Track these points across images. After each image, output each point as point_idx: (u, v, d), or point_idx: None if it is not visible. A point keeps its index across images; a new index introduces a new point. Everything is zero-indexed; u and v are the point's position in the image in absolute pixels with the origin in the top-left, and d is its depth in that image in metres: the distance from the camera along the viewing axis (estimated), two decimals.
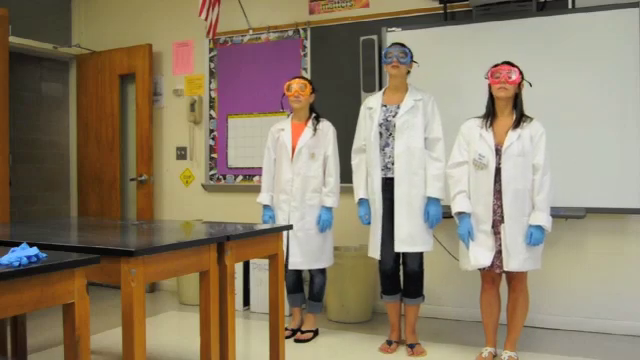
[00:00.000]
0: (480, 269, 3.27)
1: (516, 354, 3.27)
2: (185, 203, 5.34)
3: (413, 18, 4.37)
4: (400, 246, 3.48)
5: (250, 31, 4.89)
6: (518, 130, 3.17)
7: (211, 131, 5.22)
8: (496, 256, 3.20)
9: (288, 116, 4.03)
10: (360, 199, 3.64)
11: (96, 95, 5.61)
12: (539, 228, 3.12)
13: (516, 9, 3.98)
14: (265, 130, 4.91)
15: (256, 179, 4.99)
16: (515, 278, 3.27)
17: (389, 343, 3.59)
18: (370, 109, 3.61)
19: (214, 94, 5.21)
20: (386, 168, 3.52)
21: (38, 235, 2.60)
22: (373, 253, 3.60)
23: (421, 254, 3.55)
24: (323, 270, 3.93)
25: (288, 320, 3.95)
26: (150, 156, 5.36)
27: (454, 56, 4.10)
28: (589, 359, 3.42)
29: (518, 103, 3.23)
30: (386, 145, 3.52)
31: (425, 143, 3.49)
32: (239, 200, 5.05)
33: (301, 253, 3.77)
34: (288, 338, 3.74)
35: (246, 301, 4.64)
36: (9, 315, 1.90)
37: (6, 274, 1.64)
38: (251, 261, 4.51)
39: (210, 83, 5.23)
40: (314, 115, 3.90)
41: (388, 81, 3.69)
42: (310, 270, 3.92)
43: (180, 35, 5.36)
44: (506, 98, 3.21)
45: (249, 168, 5.04)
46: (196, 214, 5.17)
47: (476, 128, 3.28)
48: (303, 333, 3.86)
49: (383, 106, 3.57)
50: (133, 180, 5.46)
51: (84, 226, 3.37)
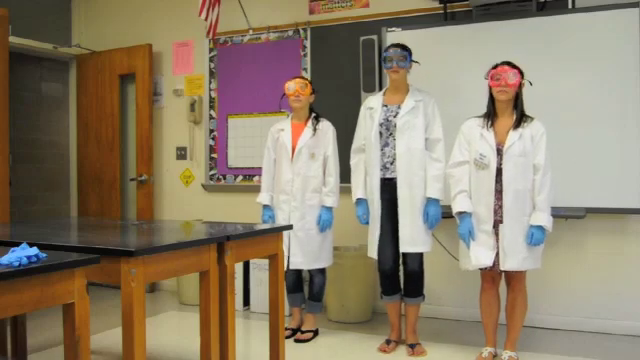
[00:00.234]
0: (481, 269, 3.28)
1: (516, 354, 3.28)
2: (185, 203, 5.34)
3: (413, 18, 4.37)
4: (402, 246, 3.50)
5: (250, 31, 4.88)
6: (519, 130, 3.17)
7: (211, 131, 5.22)
8: (497, 256, 3.20)
9: (288, 116, 4.03)
10: (358, 199, 3.64)
11: (96, 95, 5.61)
12: (540, 228, 3.12)
13: (516, 9, 3.98)
14: (265, 130, 4.91)
15: (256, 179, 4.99)
16: (514, 278, 3.27)
17: (388, 342, 3.60)
18: (371, 109, 3.61)
19: (214, 94, 5.21)
20: (385, 168, 3.53)
21: (38, 235, 2.60)
22: (371, 253, 3.61)
23: (421, 254, 3.56)
24: (323, 270, 3.93)
25: (288, 320, 3.95)
26: (150, 156, 5.36)
27: (454, 56, 4.11)
28: (589, 359, 3.42)
29: (519, 103, 3.24)
30: (386, 145, 3.52)
31: (425, 144, 3.50)
32: (239, 200, 5.05)
33: (302, 253, 3.77)
34: (288, 338, 3.74)
35: (246, 301, 4.64)
36: (9, 315, 1.90)
37: (6, 274, 1.64)
38: (251, 261, 4.51)
39: (210, 83, 5.23)
40: (314, 115, 3.90)
41: (388, 82, 3.69)
42: (310, 270, 3.92)
43: (180, 35, 5.36)
44: (507, 100, 3.21)
45: (249, 168, 5.05)
46: (196, 214, 5.17)
47: (477, 128, 3.28)
48: (303, 333, 3.86)
49: (384, 106, 3.57)
50: (133, 180, 5.46)
51: (84, 226, 3.37)
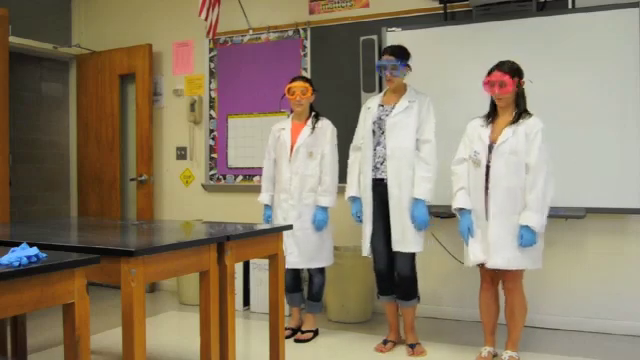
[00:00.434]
0: (479, 266, 3.27)
1: (517, 354, 3.27)
2: (185, 203, 5.34)
3: (413, 18, 4.37)
4: (393, 245, 3.48)
5: (250, 31, 4.88)
6: (514, 127, 3.16)
7: (211, 131, 5.22)
8: None
9: (288, 116, 4.03)
10: (350, 197, 3.65)
11: (96, 95, 5.61)
12: (528, 228, 3.08)
13: (516, 9, 3.98)
14: (265, 130, 4.92)
15: (256, 179, 4.99)
16: (508, 279, 3.23)
17: (385, 342, 3.59)
18: (369, 109, 3.63)
19: (214, 94, 5.21)
20: (376, 168, 3.52)
21: (38, 235, 2.59)
22: (364, 252, 3.60)
23: (412, 257, 3.51)
24: (322, 270, 3.93)
25: (288, 320, 3.95)
26: (150, 156, 5.36)
27: (454, 56, 4.10)
28: (589, 359, 3.42)
29: (519, 101, 3.22)
30: (378, 144, 3.52)
31: (416, 144, 3.48)
32: (239, 200, 5.05)
33: (299, 252, 3.77)
34: (288, 338, 3.74)
35: (246, 301, 4.64)
36: (9, 315, 1.90)
37: (6, 274, 1.64)
38: (251, 261, 4.51)
39: (210, 83, 5.23)
40: (314, 114, 3.90)
41: None
42: (309, 270, 3.92)
43: (180, 35, 5.36)
44: (505, 103, 3.22)
45: (249, 168, 5.04)
46: (196, 214, 5.17)
47: (478, 126, 3.30)
48: (303, 333, 3.86)
49: (380, 106, 3.59)
50: (133, 180, 5.46)
51: (84, 226, 3.37)
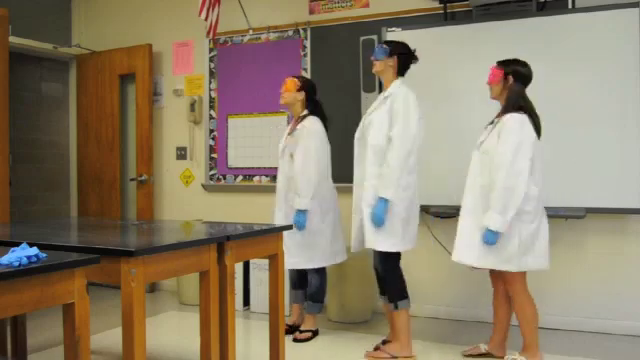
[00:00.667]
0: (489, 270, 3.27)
1: (523, 358, 3.17)
2: (185, 203, 5.34)
3: (413, 18, 4.37)
4: (367, 243, 3.40)
5: (250, 31, 4.88)
6: (493, 125, 3.17)
7: (211, 131, 5.22)
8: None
9: (288, 116, 4.04)
10: None
11: (96, 95, 5.61)
12: (488, 228, 3.02)
13: (516, 9, 3.98)
14: (265, 130, 4.93)
15: (256, 179, 4.99)
16: (505, 281, 3.22)
17: (383, 342, 3.49)
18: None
19: (214, 94, 5.21)
20: (358, 164, 3.49)
21: (38, 235, 2.60)
22: (351, 249, 3.57)
23: (382, 255, 3.35)
24: (317, 271, 3.88)
25: (287, 320, 3.94)
26: (150, 156, 5.36)
27: (454, 56, 4.10)
28: (589, 359, 3.42)
29: (508, 98, 3.16)
30: (359, 139, 3.49)
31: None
32: (239, 200, 5.05)
33: (288, 253, 3.68)
34: (286, 334, 3.74)
35: (246, 301, 4.64)
36: (9, 315, 1.90)
37: (6, 274, 1.64)
38: (251, 261, 4.51)
39: (210, 83, 5.23)
40: (303, 113, 3.83)
41: None
42: (307, 270, 3.91)
43: (180, 35, 5.36)
44: (494, 97, 3.23)
45: (249, 168, 5.04)
46: (196, 214, 5.17)
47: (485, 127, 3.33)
48: (302, 333, 3.86)
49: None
50: (133, 180, 5.46)
51: (84, 226, 3.37)
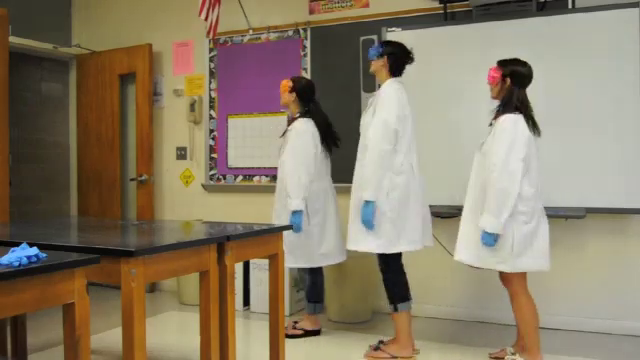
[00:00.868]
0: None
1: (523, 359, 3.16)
2: (185, 203, 5.33)
3: (413, 18, 4.37)
4: (348, 244, 3.43)
5: (250, 31, 4.89)
6: (491, 127, 3.17)
7: (211, 131, 5.22)
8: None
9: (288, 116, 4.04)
10: None
11: (96, 95, 5.61)
12: (484, 230, 3.03)
13: (516, 9, 3.98)
14: (265, 130, 4.93)
15: (256, 179, 4.99)
16: (504, 281, 3.22)
17: (380, 342, 3.47)
18: None
19: (214, 94, 5.21)
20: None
21: (38, 235, 2.60)
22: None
23: (380, 257, 3.37)
24: (310, 271, 3.88)
25: (288, 320, 3.94)
26: (150, 156, 5.36)
27: (454, 56, 4.10)
28: (589, 359, 3.42)
29: (506, 99, 3.14)
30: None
31: None
32: (239, 200, 5.05)
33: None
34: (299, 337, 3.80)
35: (246, 301, 4.63)
36: (9, 315, 1.90)
37: (6, 274, 1.64)
38: (251, 261, 4.50)
39: (210, 83, 5.23)
40: (297, 114, 3.83)
41: None
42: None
43: (180, 35, 5.36)
44: (495, 98, 3.21)
45: (249, 168, 5.04)
46: (196, 214, 5.17)
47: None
48: (295, 328, 3.88)
49: None
50: (133, 180, 5.46)
51: (84, 226, 3.37)
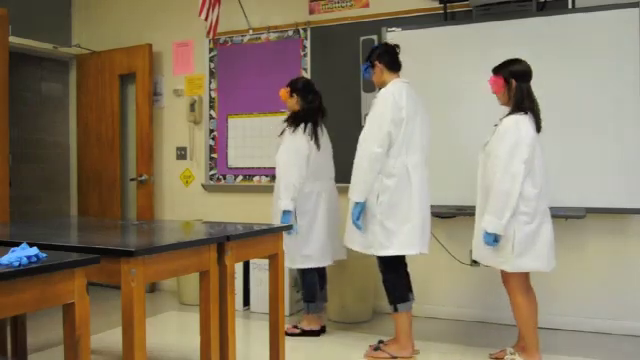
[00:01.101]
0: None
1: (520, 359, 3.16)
2: (185, 203, 5.33)
3: (413, 18, 4.37)
4: (345, 241, 3.50)
5: (250, 31, 4.89)
6: (495, 127, 3.17)
7: (211, 131, 5.22)
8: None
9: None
10: None
11: (96, 95, 5.61)
12: (485, 231, 3.05)
13: (516, 9, 3.98)
14: (265, 130, 4.93)
15: (256, 179, 4.99)
16: (504, 280, 3.22)
17: (380, 342, 3.47)
18: None
19: (214, 94, 5.21)
20: None
21: (38, 235, 2.60)
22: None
23: (379, 259, 3.38)
24: (304, 271, 3.87)
25: (288, 320, 3.94)
26: (150, 156, 5.36)
27: (454, 56, 4.10)
28: (589, 359, 3.42)
29: (514, 100, 3.15)
30: None
31: None
32: (239, 200, 5.05)
33: None
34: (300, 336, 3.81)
35: (246, 301, 4.63)
36: (9, 315, 1.90)
37: (6, 274, 1.64)
38: (251, 261, 4.50)
39: (210, 83, 5.23)
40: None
41: None
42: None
43: (180, 35, 5.36)
44: (504, 104, 3.21)
45: (249, 168, 5.04)
46: (196, 214, 5.17)
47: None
48: (294, 327, 3.88)
49: None
50: (133, 180, 5.46)
51: (84, 226, 3.37)
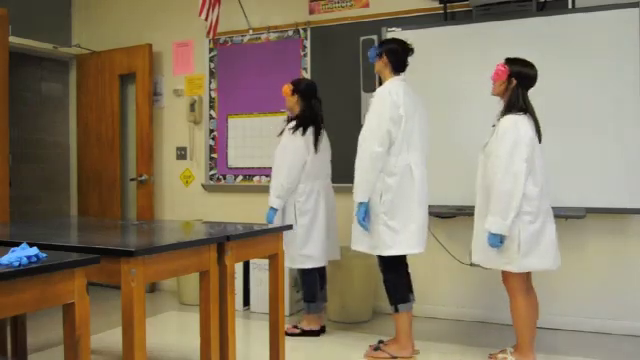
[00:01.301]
0: None
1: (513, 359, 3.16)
2: (185, 203, 5.34)
3: (413, 18, 4.37)
4: (351, 243, 3.49)
5: (250, 31, 4.89)
6: (493, 128, 3.16)
7: (211, 131, 5.22)
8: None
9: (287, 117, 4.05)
10: None
11: (96, 95, 5.61)
12: (489, 232, 3.05)
13: (516, 9, 3.98)
14: (265, 130, 4.93)
15: (256, 179, 4.99)
16: (503, 279, 3.22)
17: (380, 342, 3.47)
18: None
19: (214, 94, 5.21)
20: None
21: (38, 235, 2.60)
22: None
23: (380, 259, 3.39)
24: (304, 271, 3.87)
25: (288, 320, 3.94)
26: (150, 156, 5.36)
27: (454, 56, 4.10)
28: (589, 359, 3.42)
29: (509, 99, 3.15)
30: None
31: None
32: (239, 200, 5.05)
33: None
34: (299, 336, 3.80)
35: (246, 301, 4.63)
36: (9, 315, 1.90)
37: (6, 274, 1.64)
38: (251, 261, 4.50)
39: (210, 83, 5.23)
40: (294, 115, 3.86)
41: None
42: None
43: (180, 35, 5.36)
44: (496, 94, 3.21)
45: (249, 168, 5.04)
46: (196, 214, 5.17)
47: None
48: (294, 327, 3.88)
49: None
50: (133, 180, 5.46)
51: (84, 226, 3.37)
